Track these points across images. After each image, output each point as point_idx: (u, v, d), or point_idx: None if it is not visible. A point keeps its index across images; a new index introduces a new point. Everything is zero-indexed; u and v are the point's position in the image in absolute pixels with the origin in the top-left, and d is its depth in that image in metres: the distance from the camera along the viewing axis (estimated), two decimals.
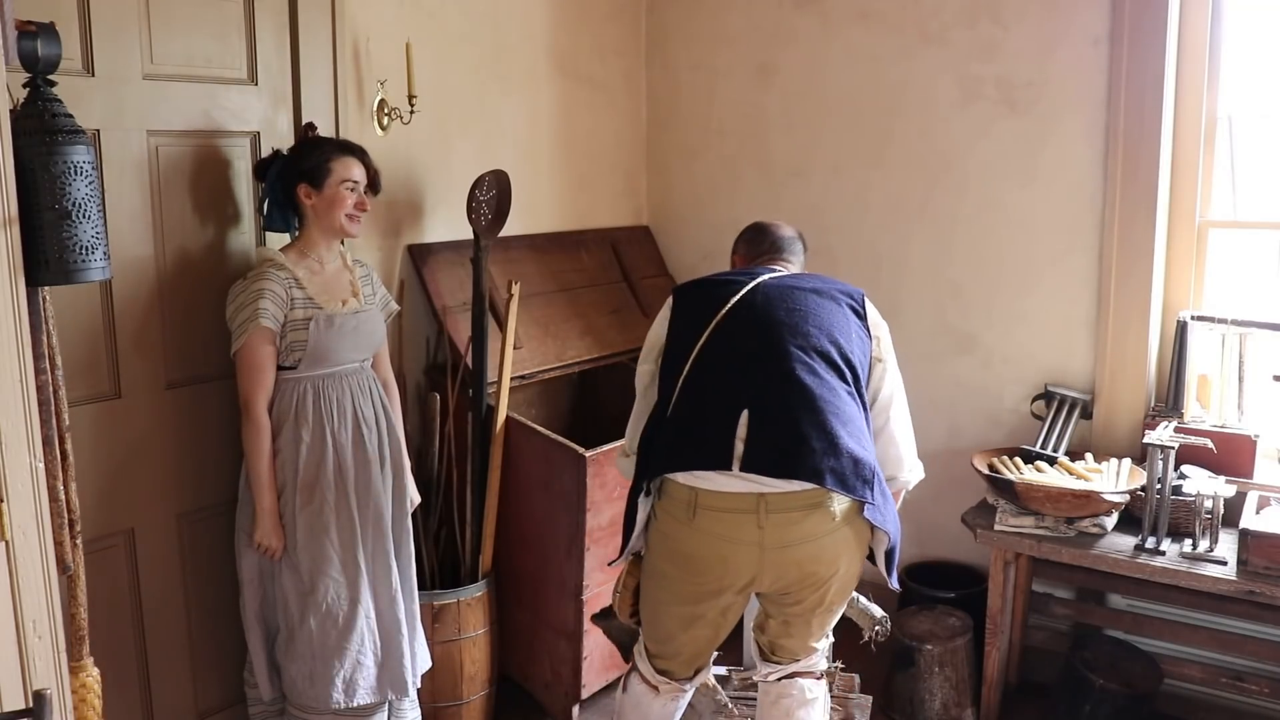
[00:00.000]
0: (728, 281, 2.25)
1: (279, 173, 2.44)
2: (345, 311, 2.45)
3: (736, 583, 2.10)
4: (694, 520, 2.06)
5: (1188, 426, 2.92)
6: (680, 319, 2.25)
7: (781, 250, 2.42)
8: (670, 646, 2.27)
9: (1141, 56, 2.94)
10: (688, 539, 2.09)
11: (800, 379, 2.05)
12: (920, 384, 3.45)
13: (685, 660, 2.29)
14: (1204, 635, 2.92)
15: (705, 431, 2.06)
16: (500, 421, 2.88)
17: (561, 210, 3.57)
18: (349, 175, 2.43)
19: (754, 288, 2.20)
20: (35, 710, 1.19)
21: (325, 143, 2.50)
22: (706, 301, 2.21)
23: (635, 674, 2.36)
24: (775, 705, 2.28)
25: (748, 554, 2.05)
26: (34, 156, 1.55)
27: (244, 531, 2.43)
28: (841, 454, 2.01)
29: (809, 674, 2.29)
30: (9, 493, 1.39)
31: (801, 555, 2.05)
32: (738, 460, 2.02)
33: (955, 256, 3.34)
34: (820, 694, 2.30)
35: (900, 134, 3.39)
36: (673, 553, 2.14)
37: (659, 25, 3.83)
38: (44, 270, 1.58)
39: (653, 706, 2.34)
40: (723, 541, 2.05)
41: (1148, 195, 2.99)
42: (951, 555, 3.42)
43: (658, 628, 2.27)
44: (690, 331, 2.19)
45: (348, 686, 2.42)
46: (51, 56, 1.60)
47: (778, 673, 2.29)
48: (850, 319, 2.19)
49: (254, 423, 2.35)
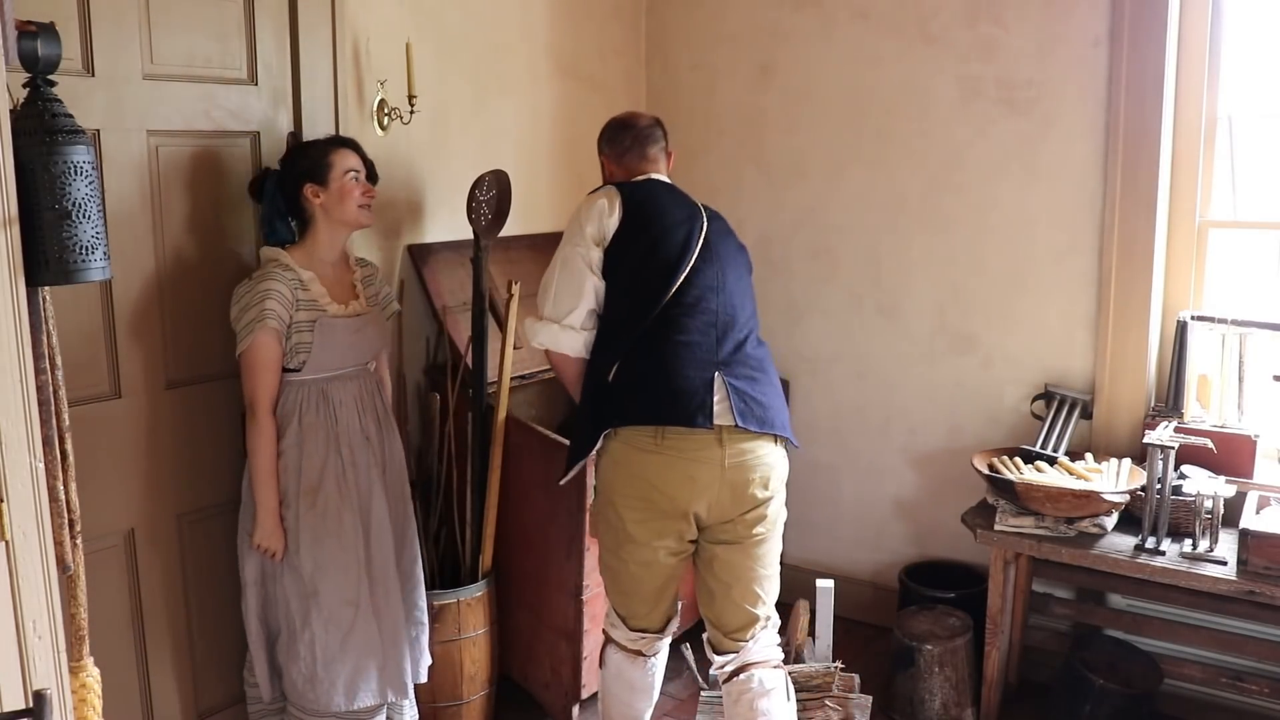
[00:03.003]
0: (675, 226, 2.38)
1: (278, 182, 2.44)
2: (348, 314, 2.44)
3: (696, 503, 2.29)
4: (661, 443, 2.27)
5: (1188, 426, 2.92)
6: (630, 242, 2.36)
7: (645, 143, 2.54)
8: (637, 598, 2.41)
9: (1141, 56, 2.94)
10: (653, 463, 2.27)
11: (750, 338, 2.39)
12: (920, 384, 3.46)
13: (654, 607, 2.42)
14: (1204, 635, 2.92)
15: (681, 396, 2.26)
16: (500, 421, 2.88)
17: (561, 210, 3.56)
18: (350, 165, 2.44)
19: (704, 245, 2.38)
20: (35, 710, 1.18)
21: (317, 141, 2.50)
22: (660, 242, 2.36)
23: (611, 645, 2.48)
24: (737, 703, 2.35)
25: (710, 472, 2.26)
26: (34, 156, 1.55)
27: (246, 533, 2.43)
28: (783, 409, 2.39)
29: (763, 664, 2.34)
30: (9, 493, 1.39)
31: (753, 474, 2.30)
32: (713, 417, 2.25)
33: (955, 256, 3.34)
34: (779, 683, 2.36)
35: (900, 134, 3.39)
36: (635, 479, 2.29)
37: (659, 25, 3.83)
38: (44, 270, 1.58)
39: (634, 673, 2.46)
40: (689, 461, 2.26)
41: (1148, 195, 2.99)
42: (951, 555, 3.42)
43: (621, 579, 2.41)
44: (645, 271, 2.34)
45: (349, 689, 2.42)
46: (51, 56, 1.60)
47: (732, 663, 2.36)
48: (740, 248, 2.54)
49: (259, 424, 2.35)
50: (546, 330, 2.39)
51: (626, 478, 2.31)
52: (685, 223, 2.40)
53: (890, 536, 3.56)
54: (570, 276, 2.37)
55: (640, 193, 2.44)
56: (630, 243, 2.36)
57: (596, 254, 2.36)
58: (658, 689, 2.55)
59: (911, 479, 3.52)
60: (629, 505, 2.32)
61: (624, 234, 2.36)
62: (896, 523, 3.55)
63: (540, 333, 2.40)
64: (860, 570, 3.61)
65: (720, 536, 2.34)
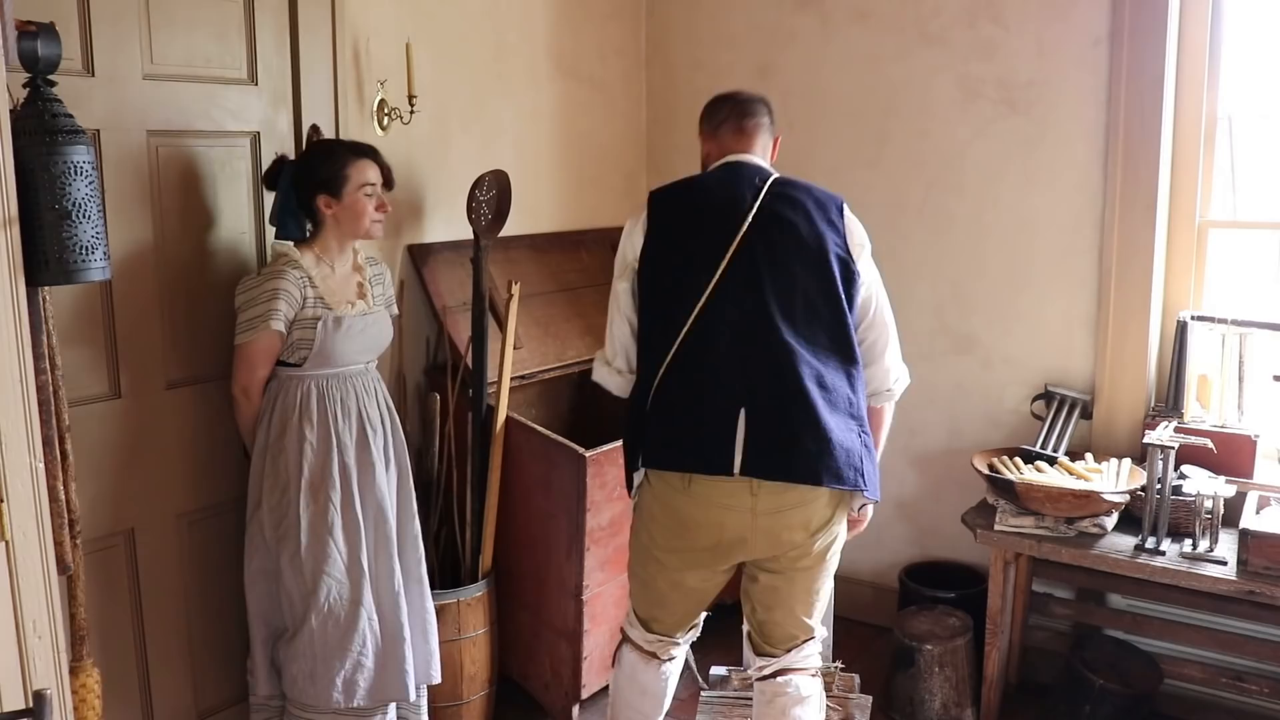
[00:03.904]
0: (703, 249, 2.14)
1: (293, 182, 2.42)
2: (354, 313, 2.45)
3: (731, 546, 2.17)
4: (689, 488, 2.14)
5: (1188, 426, 2.92)
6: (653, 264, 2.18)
7: (743, 115, 2.34)
8: (663, 608, 2.33)
9: (1141, 56, 2.94)
10: (684, 505, 2.16)
11: (793, 368, 2.07)
12: (920, 384, 3.43)
13: (678, 618, 2.35)
14: (1204, 635, 2.92)
15: (702, 436, 2.09)
16: (500, 421, 2.88)
17: (561, 210, 3.57)
18: (366, 179, 2.41)
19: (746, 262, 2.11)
20: (35, 710, 1.19)
21: (337, 148, 2.46)
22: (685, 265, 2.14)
23: (627, 645, 2.39)
24: (770, 704, 2.28)
25: (740, 519, 2.12)
26: (34, 156, 1.56)
27: (254, 531, 2.44)
28: (835, 450, 2.07)
29: (803, 670, 2.29)
30: (9, 493, 1.39)
31: (790, 521, 2.13)
32: (737, 467, 2.07)
33: (955, 257, 3.34)
34: (815, 691, 2.30)
35: (900, 134, 3.39)
36: (668, 512, 2.19)
37: (659, 25, 3.83)
38: (44, 270, 1.58)
39: (647, 675, 2.37)
40: (720, 509, 2.13)
41: (1148, 195, 2.99)
42: (951, 555, 3.42)
43: (650, 591, 2.32)
44: (667, 296, 2.15)
45: (347, 687, 2.42)
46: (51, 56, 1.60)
47: (771, 666, 2.29)
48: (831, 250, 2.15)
49: (252, 404, 2.41)
50: (601, 368, 2.33)
51: (661, 508, 2.20)
52: (719, 240, 2.13)
53: (890, 536, 3.56)
54: (614, 315, 2.28)
55: (672, 206, 2.23)
56: (653, 266, 2.19)
57: (627, 286, 2.23)
58: (669, 698, 2.44)
59: (911, 479, 3.52)
60: (662, 532, 2.22)
61: (648, 254, 2.20)
62: (896, 523, 3.55)
63: (597, 368, 2.35)
64: (860, 570, 3.61)
65: (765, 565, 2.22)
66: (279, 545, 2.41)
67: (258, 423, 2.43)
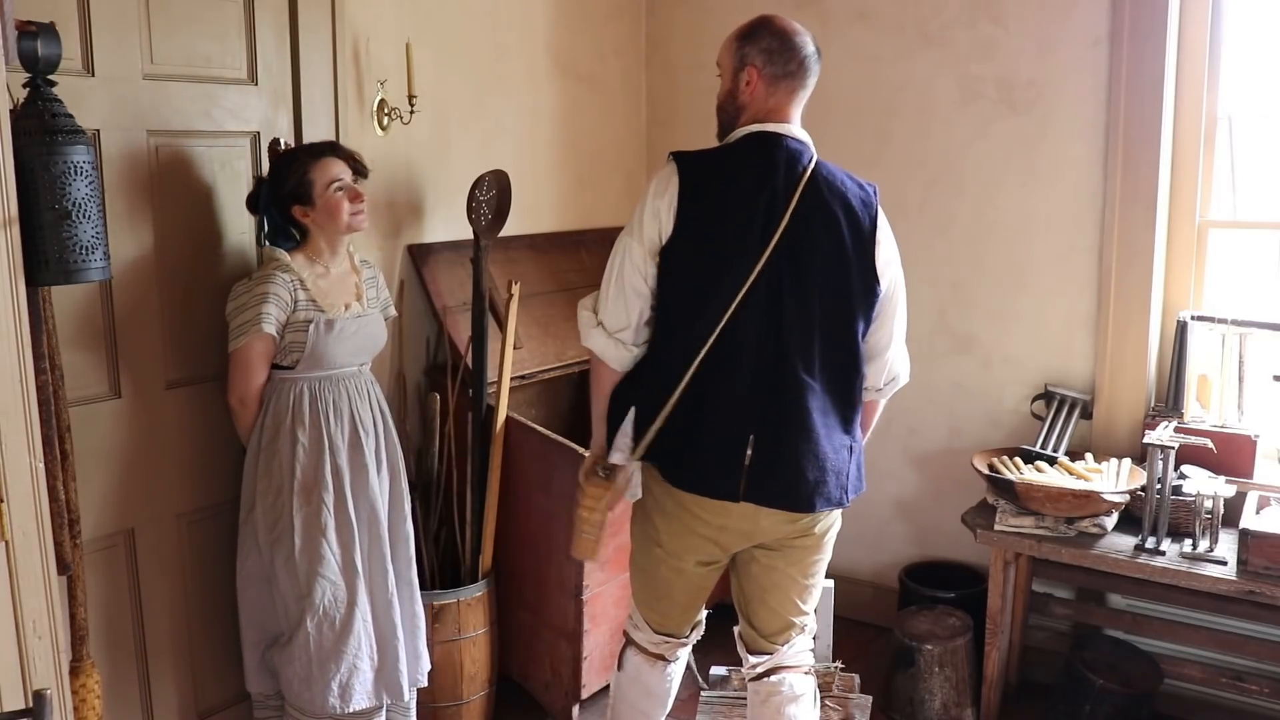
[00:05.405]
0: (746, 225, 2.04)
1: (268, 201, 2.42)
2: (347, 316, 2.44)
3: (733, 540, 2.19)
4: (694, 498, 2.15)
5: (1188, 426, 2.92)
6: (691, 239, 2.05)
7: (806, 75, 2.24)
8: (668, 601, 2.31)
9: (1141, 56, 2.94)
10: (688, 499, 2.16)
11: (802, 405, 2.07)
12: (920, 384, 3.44)
13: (684, 611, 2.34)
14: (1204, 635, 2.92)
15: (710, 465, 2.09)
16: (500, 421, 2.88)
17: (561, 210, 3.57)
18: (331, 176, 2.39)
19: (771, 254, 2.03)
20: (35, 710, 1.19)
21: (296, 155, 2.44)
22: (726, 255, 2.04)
23: (631, 648, 2.39)
24: (765, 704, 2.29)
25: (743, 524, 2.15)
26: (34, 156, 1.56)
27: (247, 534, 2.44)
28: (829, 477, 2.11)
29: (796, 668, 2.30)
30: (9, 493, 1.39)
31: (791, 528, 2.17)
32: (741, 494, 2.08)
33: (955, 256, 3.34)
34: (809, 690, 2.31)
35: (900, 134, 3.39)
36: (675, 505, 2.18)
37: (659, 25, 3.83)
38: (44, 270, 1.58)
39: (652, 677, 2.37)
40: (722, 516, 2.15)
41: (1148, 195, 2.99)
42: (951, 555, 3.42)
43: (653, 583, 2.30)
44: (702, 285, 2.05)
45: (343, 691, 2.42)
46: (51, 56, 1.60)
47: (764, 664, 2.29)
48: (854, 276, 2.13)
49: (249, 411, 2.40)
50: (598, 336, 2.15)
51: (668, 502, 2.19)
52: (751, 245, 2.04)
53: (890, 536, 3.56)
54: (622, 292, 2.11)
55: (704, 189, 2.07)
56: (680, 255, 2.07)
57: (652, 268, 2.09)
58: (672, 699, 2.44)
59: (911, 479, 3.52)
60: (666, 519, 2.21)
61: (676, 242, 2.07)
62: (896, 523, 3.55)
63: (592, 337, 2.16)
64: (860, 570, 3.61)
65: (764, 544, 2.24)
66: (273, 548, 2.41)
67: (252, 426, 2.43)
